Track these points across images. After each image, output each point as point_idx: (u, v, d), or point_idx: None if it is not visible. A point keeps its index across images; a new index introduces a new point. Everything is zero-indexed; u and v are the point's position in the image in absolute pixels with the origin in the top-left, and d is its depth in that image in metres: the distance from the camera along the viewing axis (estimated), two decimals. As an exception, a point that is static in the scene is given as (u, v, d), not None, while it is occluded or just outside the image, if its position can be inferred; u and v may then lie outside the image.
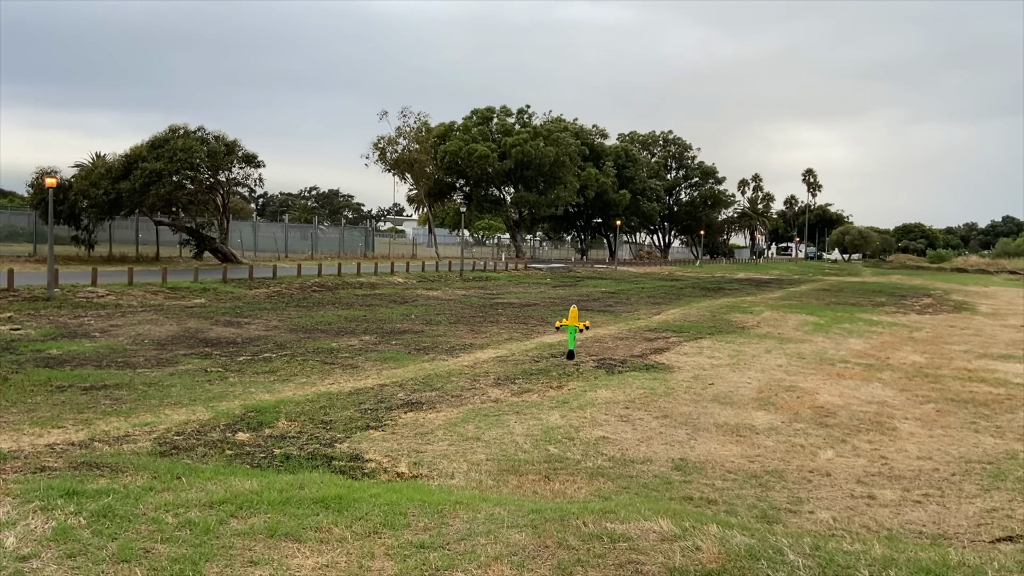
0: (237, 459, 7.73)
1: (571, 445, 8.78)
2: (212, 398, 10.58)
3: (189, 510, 4.40)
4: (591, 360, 14.82)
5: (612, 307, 27.06)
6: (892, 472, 8.26)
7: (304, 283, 29.16)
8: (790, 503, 7.08)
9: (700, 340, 18.36)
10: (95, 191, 33.30)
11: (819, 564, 4.05)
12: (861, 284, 50.86)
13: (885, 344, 19.09)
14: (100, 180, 33.68)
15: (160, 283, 24.93)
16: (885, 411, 11.23)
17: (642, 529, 4.58)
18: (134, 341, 15.52)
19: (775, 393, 12.20)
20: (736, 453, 8.75)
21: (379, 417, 9.79)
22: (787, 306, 29.45)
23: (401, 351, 15.30)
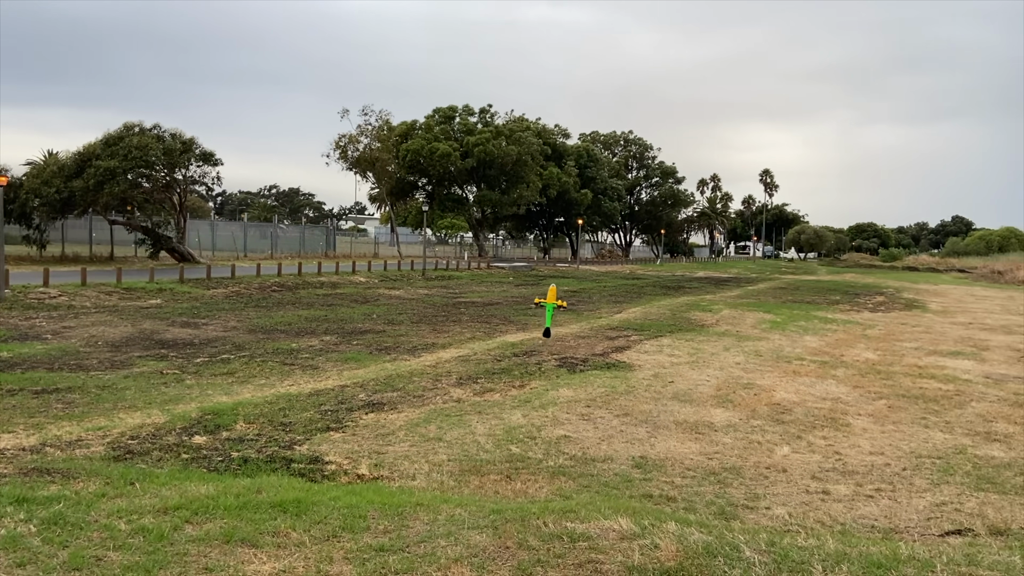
0: (193, 463, 7.62)
1: (533, 444, 8.80)
2: (168, 401, 10.40)
3: (143, 516, 4.32)
4: (553, 359, 14.88)
5: (574, 306, 27.17)
6: (846, 467, 8.44)
7: (263, 283, 28.79)
8: (747, 499, 7.19)
9: (660, 338, 18.54)
10: (47, 190, 32.52)
11: (774, 560, 4.12)
12: (816, 282, 51.80)
13: (839, 341, 19.48)
14: (52, 178, 32.89)
15: (115, 283, 24.41)
16: (839, 407, 11.46)
17: (602, 528, 4.61)
18: (87, 343, 15.18)
19: (733, 391, 12.37)
20: (695, 450, 8.86)
21: (339, 418, 9.72)
22: (745, 304, 29.88)
23: (362, 351, 15.20)
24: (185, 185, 37.82)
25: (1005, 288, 53.02)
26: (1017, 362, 17.08)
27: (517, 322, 21.16)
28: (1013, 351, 18.87)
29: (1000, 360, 17.25)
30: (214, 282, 27.47)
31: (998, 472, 8.44)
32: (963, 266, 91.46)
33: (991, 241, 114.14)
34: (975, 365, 16.25)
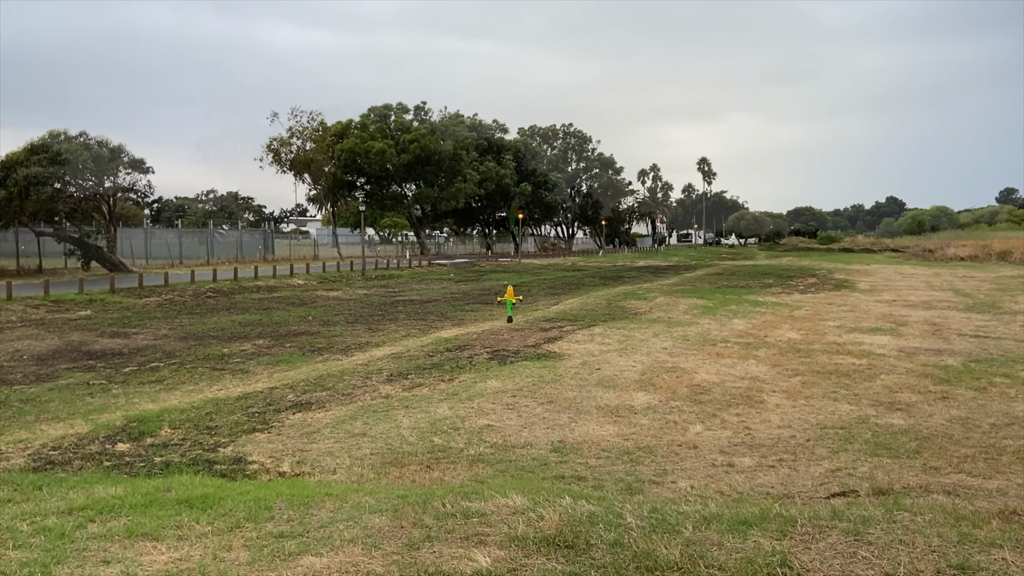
0: (115, 470, 7.67)
1: (455, 435, 9.05)
2: (92, 411, 10.38)
3: (46, 518, 4.44)
4: (485, 352, 15.14)
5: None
6: (753, 441, 8.88)
7: (198, 289, 28.44)
8: (656, 475, 7.55)
9: (593, 328, 18.95)
10: (-33, 201, 31.55)
11: (651, 524, 4.44)
12: (753, 267, 53.10)
13: (766, 323, 20.16)
14: (-28, 190, 31.94)
15: (42, 296, 23.89)
16: (756, 386, 11.96)
17: (496, 505, 4.88)
18: (12, 357, 14.93)
19: (657, 375, 12.80)
20: (613, 433, 9.21)
21: (266, 420, 9.83)
22: (680, 291, 30.58)
23: (295, 353, 15.25)
24: (115, 193, 37.03)
25: (933, 265, 55.12)
26: (931, 336, 17.93)
27: (453, 318, 21.39)
28: (929, 325, 19.78)
29: (915, 335, 18.08)
30: (147, 291, 27.04)
31: (895, 438, 8.97)
32: (896, 246, 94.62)
33: (923, 220, 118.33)
34: (891, 340, 17.03)
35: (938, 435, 9.07)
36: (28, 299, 23.22)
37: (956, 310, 23.62)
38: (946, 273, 44.44)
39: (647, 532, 4.29)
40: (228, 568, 3.72)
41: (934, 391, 11.59)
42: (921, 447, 8.55)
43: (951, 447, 8.54)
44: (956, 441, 8.80)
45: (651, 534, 4.25)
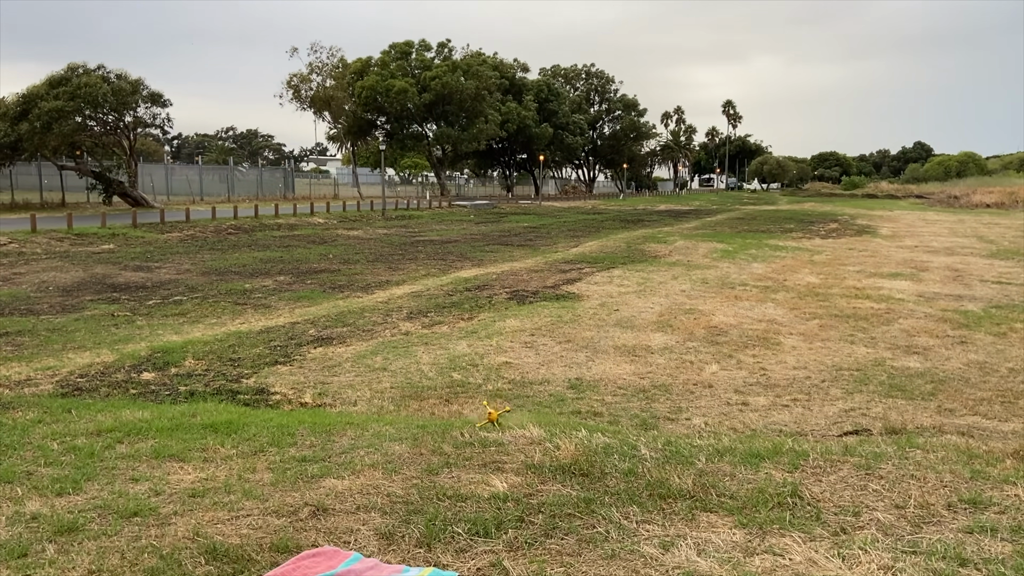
0: (141, 398, 7.86)
1: (474, 371, 9.17)
2: (118, 341, 10.59)
3: (75, 438, 4.59)
4: (504, 292, 15.22)
5: (532, 241, 27.48)
6: (768, 381, 8.94)
7: (219, 226, 28.63)
8: (670, 412, 7.64)
9: (612, 270, 18.95)
10: (-8, 133, 31.74)
11: (664, 456, 4.52)
12: (775, 212, 52.57)
13: (785, 267, 20.06)
14: (-3, 122, 32.13)
15: (66, 230, 24.17)
16: (773, 328, 11.98)
17: (514, 436, 4.98)
18: (38, 288, 15.19)
19: (674, 316, 12.83)
20: (629, 371, 9.30)
21: (288, 353, 9.99)
22: (701, 235, 30.40)
23: (316, 290, 15.41)
24: (135, 127, 37.04)
25: (958, 212, 54.28)
26: (952, 281, 17.78)
27: (473, 259, 21.44)
28: (951, 271, 19.60)
29: (936, 280, 17.94)
30: (168, 226, 27.27)
31: (910, 380, 9.00)
32: (921, 192, 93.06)
33: (949, 166, 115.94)
34: (911, 285, 16.91)
35: (954, 378, 9.08)
36: (52, 232, 23.50)
37: (979, 256, 23.36)
38: (971, 220, 43.79)
39: (660, 463, 4.37)
40: (253, 488, 3.85)
41: (952, 335, 11.56)
42: (937, 389, 8.57)
43: (967, 390, 8.55)
44: (972, 384, 8.81)
45: (664, 465, 4.34)
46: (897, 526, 3.41)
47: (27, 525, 3.33)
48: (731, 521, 3.46)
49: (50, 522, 3.34)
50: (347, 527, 3.33)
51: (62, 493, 3.72)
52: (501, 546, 3.19)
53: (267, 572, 2.83)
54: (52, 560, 2.98)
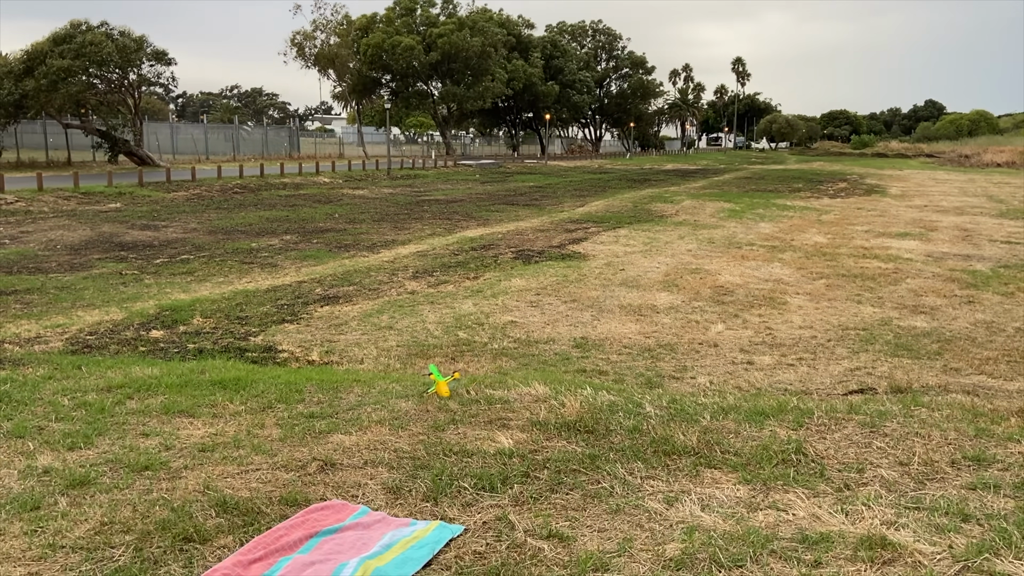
0: (150, 355, 7.92)
1: (480, 330, 9.20)
2: (126, 299, 10.64)
3: (86, 394, 4.64)
4: (510, 252, 15.21)
5: (538, 201, 27.37)
6: (774, 341, 8.95)
7: (225, 185, 28.57)
8: (675, 371, 7.67)
9: (618, 229, 18.89)
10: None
11: (669, 413, 4.55)
12: (783, 171, 52.16)
13: (793, 227, 19.96)
14: (2, 79, 31.87)
15: (72, 188, 24.16)
16: (779, 288, 11.96)
17: (519, 394, 5.01)
18: (46, 247, 15.24)
19: (680, 276, 12.82)
20: (634, 331, 9.32)
21: (295, 311, 10.04)
22: (708, 195, 30.22)
23: (322, 249, 15.41)
24: (139, 86, 36.78)
25: (968, 171, 53.75)
26: (961, 241, 17.69)
27: (478, 218, 21.38)
28: (960, 231, 19.49)
29: (945, 240, 17.85)
30: (174, 185, 27.23)
31: (916, 340, 9.00)
32: (931, 151, 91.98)
33: (961, 125, 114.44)
34: (919, 245, 16.83)
35: (961, 338, 9.08)
36: (59, 191, 23.50)
37: (988, 216, 23.19)
38: (981, 179, 43.39)
39: (665, 420, 4.40)
40: (262, 443, 3.89)
41: (960, 295, 11.53)
42: (943, 349, 8.58)
43: (973, 349, 8.56)
44: (979, 344, 8.81)
45: (669, 422, 4.36)
46: (901, 483, 3.44)
47: (39, 479, 3.38)
48: (735, 477, 3.49)
49: (62, 476, 3.39)
50: (355, 481, 3.37)
51: (73, 447, 3.77)
52: (507, 500, 3.23)
53: (277, 524, 2.88)
54: (64, 512, 3.04)
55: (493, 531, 2.96)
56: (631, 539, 2.90)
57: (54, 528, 2.90)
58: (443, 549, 2.80)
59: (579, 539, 2.91)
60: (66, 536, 2.83)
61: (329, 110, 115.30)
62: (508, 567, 2.67)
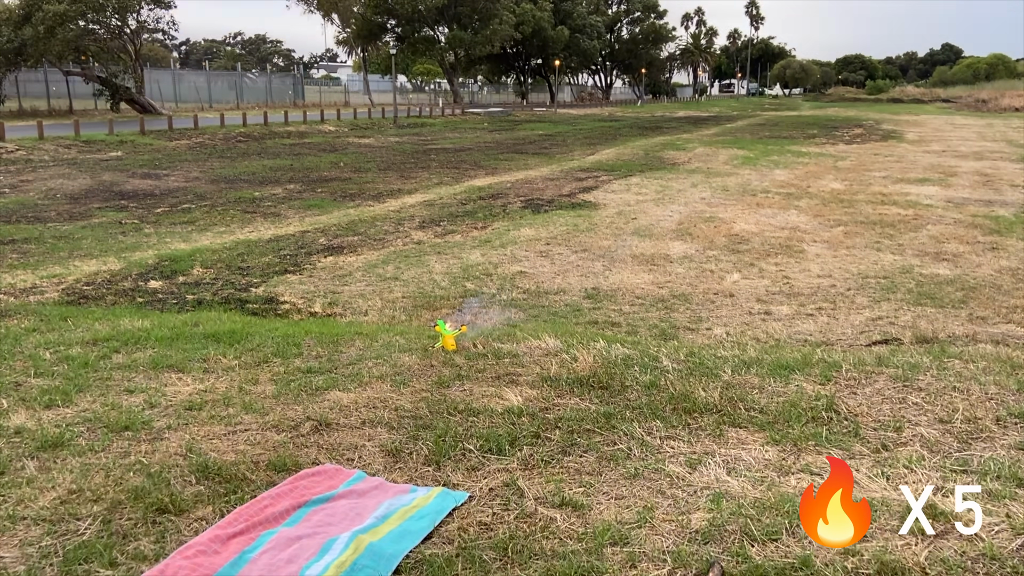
0: (147, 306, 7.69)
1: (488, 280, 8.91)
2: (125, 249, 10.38)
3: (70, 347, 4.39)
4: (519, 201, 14.84)
5: (547, 149, 26.84)
6: (792, 290, 8.63)
7: (228, 133, 28.11)
8: (690, 322, 7.38)
9: (629, 178, 18.45)
10: (-5, 38, 30.95)
11: (687, 367, 4.27)
12: (797, 118, 51.14)
13: (808, 173, 19.46)
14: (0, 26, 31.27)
15: (73, 136, 23.78)
16: (796, 236, 11.59)
17: (529, 347, 4.75)
18: (46, 196, 14.96)
19: (694, 224, 12.45)
20: (648, 281, 9.01)
21: (298, 262, 9.76)
22: (721, 142, 29.59)
23: (326, 198, 15.08)
24: (139, 32, 36.03)
25: (986, 116, 52.60)
26: (981, 186, 17.19)
27: (487, 167, 20.94)
28: (980, 176, 18.95)
29: (965, 185, 17.35)
30: (176, 133, 26.79)
31: (939, 288, 8.66)
32: (948, 96, 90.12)
33: (978, 69, 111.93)
34: (939, 191, 16.36)
35: (986, 285, 8.74)
36: (60, 139, 23.13)
37: (1008, 161, 22.59)
38: (1000, 124, 42.40)
39: (684, 375, 4.13)
40: (254, 400, 3.64)
41: (983, 242, 11.14)
42: (967, 297, 8.25)
43: (999, 297, 8.23)
44: (1005, 291, 8.47)
45: (688, 377, 4.09)
46: (943, 442, 3.16)
47: (8, 440, 3.14)
48: (762, 437, 3.22)
49: (34, 437, 3.15)
50: (351, 443, 3.12)
51: (51, 405, 3.52)
52: (515, 464, 2.98)
53: (262, 492, 2.63)
54: (31, 479, 2.80)
55: (501, 499, 2.71)
56: (652, 507, 2.65)
57: (17, 496, 2.66)
58: (445, 519, 2.56)
59: (595, 507, 2.66)
60: (29, 506, 2.60)
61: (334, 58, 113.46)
62: (517, 540, 2.42)
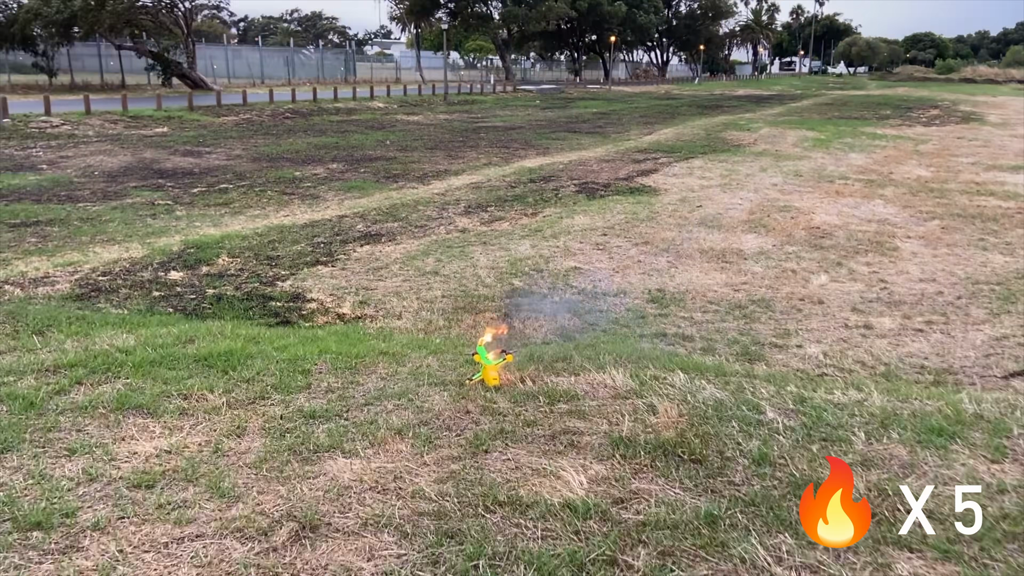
0: (163, 301, 6.93)
1: (538, 277, 7.94)
2: (151, 233, 9.67)
3: (22, 377, 3.54)
4: (572, 184, 13.78)
5: (602, 128, 25.63)
6: (891, 297, 7.47)
7: (276, 110, 27.50)
8: (776, 336, 6.31)
9: (691, 160, 17.22)
10: (46, 9, 30.75)
11: (804, 425, 3.25)
12: (866, 97, 48.71)
13: (888, 158, 17.95)
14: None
15: (120, 111, 23.39)
16: (886, 230, 10.34)
17: (591, 383, 3.77)
18: (83, 173, 14.41)
19: (767, 214, 11.27)
20: (720, 281, 7.93)
21: (331, 251, 8.91)
22: (787, 122, 27.96)
23: (368, 179, 14.22)
24: (195, 8, 35.65)
25: (1070, 99, 49.36)
26: (1086, 177, 15.54)
27: (538, 147, 19.86)
28: (1081, 165, 17.23)
29: (1067, 175, 15.71)
30: (224, 109, 26.26)
31: (1067, 300, 7.41)
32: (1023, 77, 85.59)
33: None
34: (1039, 181, 14.80)
35: None
36: (107, 114, 22.75)
37: (1112, 149, 20.66)
38: (1090, 108, 39.58)
39: (801, 440, 3.11)
40: (226, 472, 2.73)
41: (1109, 243, 9.76)
42: (1108, 314, 6.99)
43: None
44: None
45: (807, 443, 3.07)
46: None
47: None
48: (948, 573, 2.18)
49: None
50: (343, 564, 2.18)
51: (-44, 476, 2.66)
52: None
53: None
54: None
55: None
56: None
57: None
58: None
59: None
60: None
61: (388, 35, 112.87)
62: None
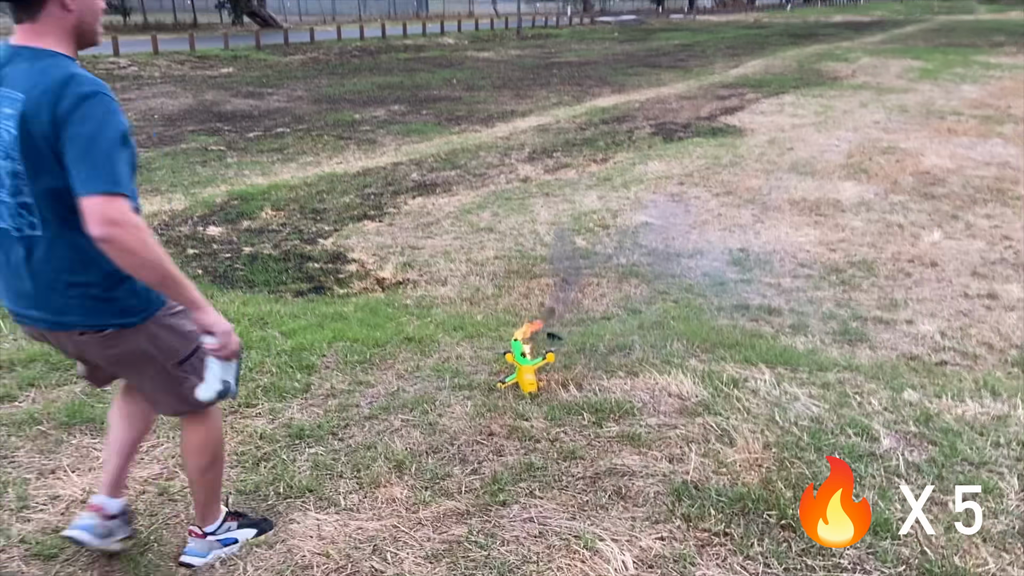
0: (195, 260, 6.42)
1: (604, 235, 7.09)
2: (197, 183, 9.19)
3: None
4: (648, 125, 12.72)
5: (684, 61, 24.05)
6: (1019, 258, 6.36)
7: (344, 48, 26.84)
8: (881, 308, 5.34)
9: (782, 95, 15.79)
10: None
11: (934, 463, 2.43)
12: (976, 23, 44.83)
13: (1005, 91, 16.10)
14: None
15: (188, 52, 23.13)
16: (1007, 175, 9.04)
17: (652, 391, 3.01)
18: (143, 117, 14.11)
19: (869, 157, 10.04)
20: (813, 239, 6.93)
21: (381, 204, 8.25)
22: (889, 51, 25.73)
23: (430, 122, 13.46)
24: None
25: None
26: None
27: (613, 84, 18.64)
28: None
29: None
30: (291, 48, 25.77)
31: None
32: None
33: None
34: None
35: None
36: (174, 54, 22.53)
37: None
38: None
39: (935, 491, 2.28)
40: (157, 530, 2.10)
41: None
42: None
43: None
44: None
45: (944, 493, 2.25)
46: None
47: None
48: None
49: None
50: None
51: None
52: None
53: None
54: None
55: None
56: None
57: None
58: None
59: None
60: None
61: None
62: None
